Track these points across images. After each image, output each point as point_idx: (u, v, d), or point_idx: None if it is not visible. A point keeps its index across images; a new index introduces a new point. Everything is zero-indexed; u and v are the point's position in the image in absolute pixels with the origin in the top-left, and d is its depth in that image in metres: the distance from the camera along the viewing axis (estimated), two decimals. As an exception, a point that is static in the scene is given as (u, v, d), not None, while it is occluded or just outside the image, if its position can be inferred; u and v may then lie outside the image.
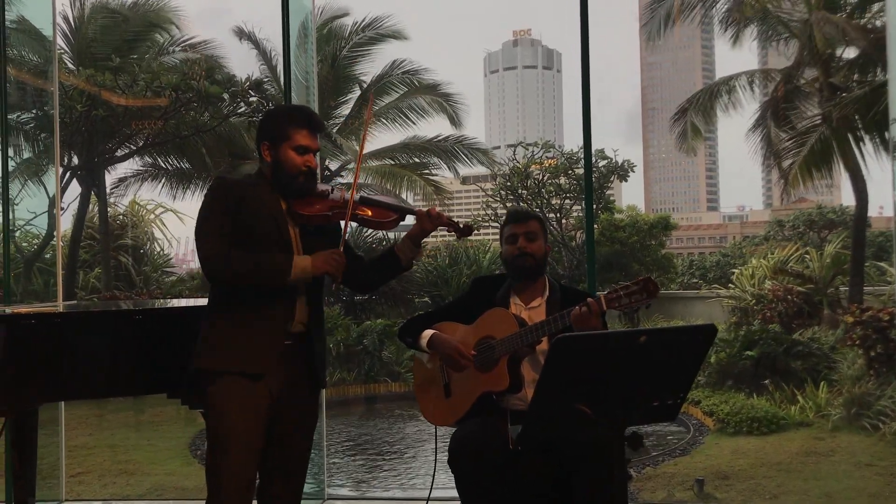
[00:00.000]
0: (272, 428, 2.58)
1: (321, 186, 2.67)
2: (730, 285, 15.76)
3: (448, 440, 2.82)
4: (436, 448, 3.16)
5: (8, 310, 3.12)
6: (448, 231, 2.75)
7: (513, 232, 2.97)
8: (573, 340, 2.03)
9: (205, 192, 2.63)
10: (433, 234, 2.80)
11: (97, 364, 2.88)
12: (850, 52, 13.74)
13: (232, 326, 2.52)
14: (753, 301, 13.86)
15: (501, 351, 2.78)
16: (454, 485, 2.73)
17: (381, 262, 2.77)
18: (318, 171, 2.77)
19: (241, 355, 2.49)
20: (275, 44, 15.95)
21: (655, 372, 2.13)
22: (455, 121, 16.85)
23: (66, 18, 14.84)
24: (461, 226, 2.73)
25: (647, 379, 2.12)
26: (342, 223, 2.68)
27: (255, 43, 16.24)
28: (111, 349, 2.91)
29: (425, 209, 2.71)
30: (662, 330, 2.18)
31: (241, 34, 16.38)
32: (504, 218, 3.13)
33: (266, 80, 15.46)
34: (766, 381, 10.65)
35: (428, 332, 2.96)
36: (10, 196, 5.16)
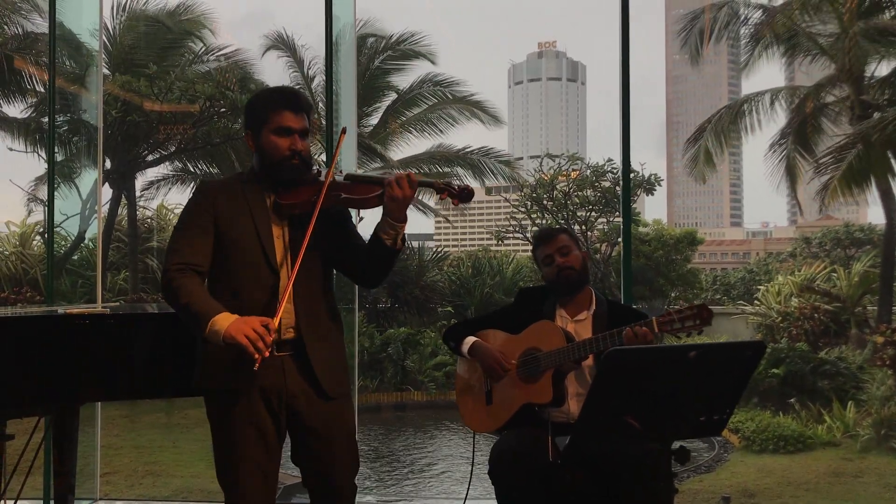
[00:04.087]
0: (296, 447, 2.44)
1: (312, 175, 2.41)
2: (755, 302, 15.65)
3: (482, 448, 2.82)
4: (472, 455, 3.16)
5: (60, 310, 3.18)
6: (442, 197, 2.43)
7: (546, 253, 2.97)
8: (624, 354, 2.05)
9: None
10: (455, 242, 2.61)
11: (144, 365, 2.93)
12: (883, 69, 13.65)
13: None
14: (779, 318, 13.75)
15: (547, 364, 2.78)
16: (489, 495, 2.74)
17: (370, 250, 2.43)
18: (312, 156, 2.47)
19: (223, 371, 2.32)
20: (311, 52, 16.10)
21: (703, 387, 2.13)
22: (490, 122, 16.90)
23: (104, 25, 15.09)
24: (456, 187, 2.39)
25: (695, 394, 2.13)
26: (343, 209, 2.46)
27: (293, 51, 16.39)
28: (158, 351, 2.96)
29: (389, 177, 2.32)
30: (711, 345, 2.18)
31: (281, 42, 16.55)
32: (533, 243, 3.12)
33: (298, 86, 15.61)
34: (793, 400, 10.56)
35: (470, 339, 2.97)
36: (43, 198, 5.26)
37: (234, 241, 2.36)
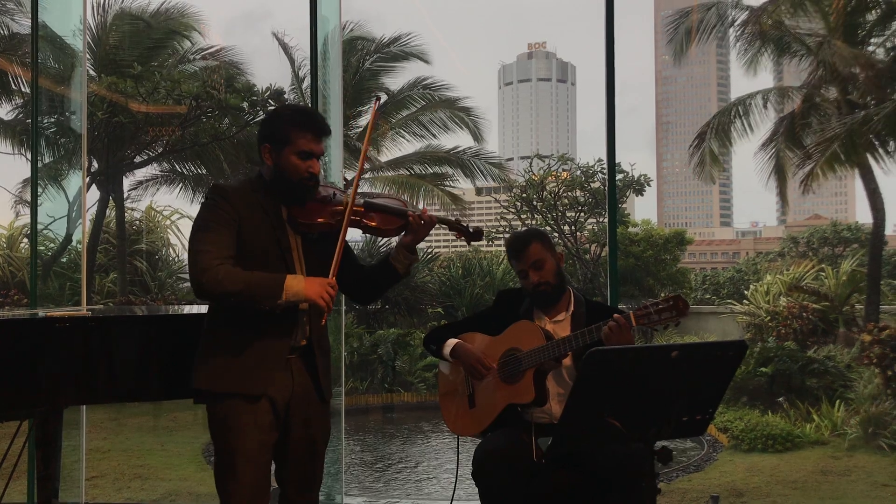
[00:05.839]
0: (285, 441, 2.53)
1: (324, 190, 2.53)
2: (744, 301, 15.70)
3: (468, 450, 2.82)
4: (457, 459, 3.16)
5: (41, 313, 3.16)
6: (457, 236, 2.64)
7: (519, 268, 2.95)
8: (606, 353, 2.04)
9: (202, 200, 2.49)
10: (446, 243, 2.69)
11: (126, 368, 2.92)
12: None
13: (231, 344, 2.43)
14: (768, 318, 13.80)
15: (528, 363, 2.79)
16: (476, 496, 2.74)
17: (377, 272, 2.63)
18: (324, 175, 2.63)
19: (239, 376, 2.41)
20: (301, 54, 16.06)
21: (686, 387, 2.13)
22: (478, 135, 17.00)
23: (88, 26, 14.98)
24: (470, 229, 2.60)
25: (677, 394, 2.13)
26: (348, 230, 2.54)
27: (285, 51, 16.35)
28: (140, 353, 2.94)
29: (414, 214, 2.52)
30: (693, 345, 2.18)
31: (273, 42, 16.54)
32: (506, 251, 3.09)
33: (292, 88, 15.60)
34: (781, 399, 10.60)
35: (452, 341, 2.98)
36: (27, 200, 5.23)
37: (256, 248, 2.43)
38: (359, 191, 2.53)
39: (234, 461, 2.41)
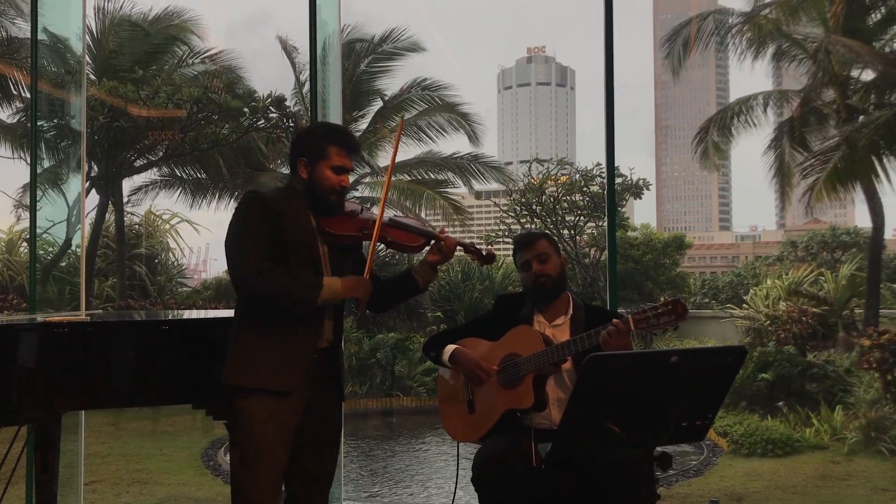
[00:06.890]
0: (299, 441, 2.59)
1: (350, 205, 2.69)
2: (743, 305, 15.70)
3: (468, 455, 2.82)
4: (457, 464, 3.16)
5: (39, 318, 3.15)
6: (472, 258, 2.78)
7: (524, 259, 2.98)
8: (605, 359, 2.04)
9: (237, 204, 2.58)
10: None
11: (125, 373, 2.91)
12: (868, 74, 13.74)
13: (260, 343, 2.52)
14: (768, 322, 13.80)
15: (527, 368, 2.78)
16: (475, 501, 2.73)
17: (398, 284, 2.76)
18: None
19: (268, 373, 2.49)
20: (303, 58, 16.03)
21: (685, 392, 2.13)
22: (474, 139, 17.03)
23: (88, 30, 14.98)
24: (483, 253, 2.75)
25: (676, 399, 2.13)
26: (369, 243, 2.69)
27: (287, 55, 16.33)
28: (139, 359, 2.94)
29: (444, 236, 2.69)
30: (693, 350, 2.18)
31: (275, 46, 16.54)
32: (513, 247, 3.13)
33: (293, 91, 15.60)
34: (781, 403, 10.59)
35: (451, 347, 2.98)
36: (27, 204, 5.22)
37: (288, 251, 2.53)
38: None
39: (254, 457, 2.48)
